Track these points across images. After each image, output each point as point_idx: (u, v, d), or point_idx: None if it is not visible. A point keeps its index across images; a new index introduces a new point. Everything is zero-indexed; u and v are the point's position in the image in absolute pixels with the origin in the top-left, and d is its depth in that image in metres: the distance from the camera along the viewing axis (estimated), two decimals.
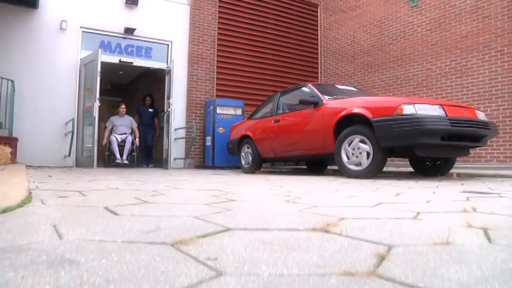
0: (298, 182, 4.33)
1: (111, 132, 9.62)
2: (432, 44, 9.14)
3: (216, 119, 9.31)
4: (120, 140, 9.35)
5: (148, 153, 10.45)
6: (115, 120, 9.75)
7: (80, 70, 8.72)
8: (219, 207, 1.91)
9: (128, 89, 14.00)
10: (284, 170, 9.57)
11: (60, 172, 6.10)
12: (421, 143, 4.85)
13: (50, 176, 4.52)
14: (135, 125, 9.77)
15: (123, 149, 9.25)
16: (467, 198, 2.60)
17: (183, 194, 2.65)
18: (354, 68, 11.09)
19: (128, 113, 9.96)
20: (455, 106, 5.15)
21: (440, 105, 4.92)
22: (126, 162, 9.11)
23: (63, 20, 8.61)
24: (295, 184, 3.99)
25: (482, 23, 8.26)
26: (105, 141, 9.51)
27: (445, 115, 4.81)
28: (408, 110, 4.76)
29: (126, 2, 9.29)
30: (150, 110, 10.52)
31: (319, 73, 12.06)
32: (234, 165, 8.96)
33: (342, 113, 5.47)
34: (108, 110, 17.82)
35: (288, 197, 2.52)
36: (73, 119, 8.21)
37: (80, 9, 8.87)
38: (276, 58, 11.13)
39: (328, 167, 8.59)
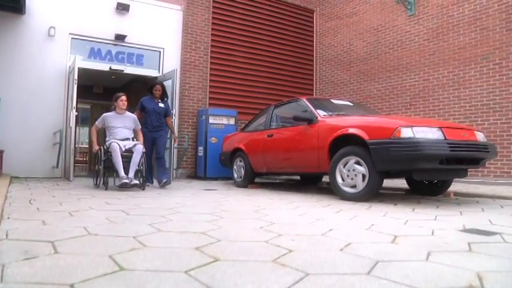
0: (290, 208, 4.14)
1: (100, 136, 7.15)
2: (430, 54, 8.98)
3: (208, 128, 9.10)
4: (124, 149, 6.26)
5: (161, 166, 7.26)
6: (111, 118, 6.58)
7: (68, 78, 8.47)
8: (199, 280, 1.71)
9: (122, 91, 13.73)
10: (278, 180, 9.39)
11: (45, 189, 5.88)
12: (419, 168, 4.69)
13: (30, 203, 4.30)
14: (139, 127, 6.90)
15: (128, 163, 6.20)
16: (469, 248, 2.42)
17: (165, 246, 2.44)
18: (350, 76, 10.91)
19: None
20: (454, 128, 4.98)
21: (439, 127, 4.74)
22: (137, 181, 6.15)
23: (51, 27, 8.37)
24: (287, 213, 3.79)
25: (480, 34, 8.10)
26: (95, 148, 6.51)
27: (443, 138, 4.64)
28: (406, 133, 4.58)
29: (117, 8, 9.06)
30: (161, 105, 7.31)
31: (314, 80, 11.88)
32: (226, 176, 8.76)
33: (337, 133, 5.29)
34: (100, 115, 17.60)
35: (279, 248, 2.33)
36: (60, 131, 7.97)
37: (69, 16, 8.64)
38: (270, 65, 10.95)
39: (323, 179, 8.41)
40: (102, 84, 13.51)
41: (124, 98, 6.77)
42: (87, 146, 22.89)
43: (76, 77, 7.80)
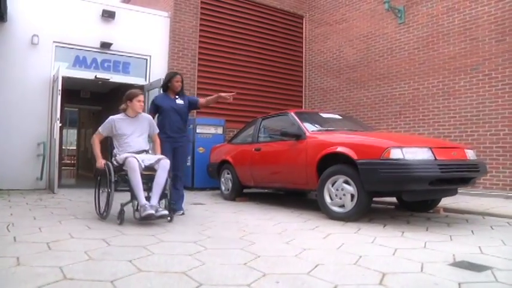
0: (277, 233, 4.02)
1: (108, 147, 5.16)
2: (420, 63, 8.92)
3: (195, 138, 8.96)
4: (144, 166, 4.58)
5: (178, 189, 5.42)
6: (122, 124, 4.89)
7: (53, 87, 8.28)
8: None
9: (109, 97, 13.54)
10: (267, 191, 9.26)
11: (27, 206, 5.69)
12: (409, 189, 4.62)
13: (8, 229, 4.14)
14: (156, 131, 5.19)
15: (149, 185, 4.61)
16: None
17: None
18: (339, 83, 10.82)
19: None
20: (444, 148, 4.90)
21: (429, 148, 4.66)
22: (165, 211, 4.43)
23: (34, 35, 8.18)
24: (273, 240, 3.68)
25: (470, 45, 8.06)
26: (100, 164, 4.76)
27: (434, 159, 4.56)
28: (396, 154, 4.49)
29: (103, 15, 8.88)
30: (180, 101, 5.53)
31: (303, 87, 11.79)
32: (214, 186, 8.61)
33: (326, 151, 5.19)
34: (88, 119, 17.38)
35: None
36: (44, 143, 7.79)
37: (53, 23, 8.45)
38: (259, 72, 10.83)
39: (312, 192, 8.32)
40: (89, 90, 13.29)
41: (142, 98, 4.97)
42: (75, 148, 22.69)
43: (60, 87, 7.61)
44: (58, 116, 7.67)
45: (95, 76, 8.85)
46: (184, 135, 5.58)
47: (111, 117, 5.00)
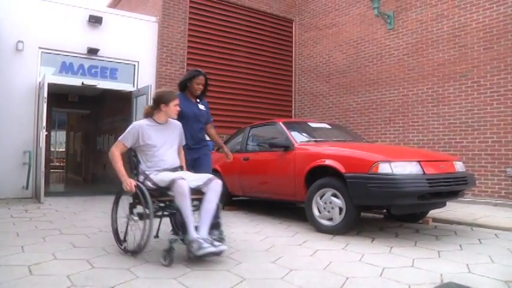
0: (264, 250, 3.97)
1: (130, 161, 4.05)
2: (409, 69, 8.91)
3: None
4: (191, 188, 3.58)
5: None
6: (152, 131, 3.89)
7: (38, 95, 8.14)
8: None
9: (98, 100, 13.41)
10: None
11: (11, 220, 5.55)
12: (398, 204, 4.59)
13: None
14: (183, 143, 4.18)
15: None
16: None
17: None
18: (329, 88, 10.80)
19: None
20: (432, 161, 4.88)
21: (418, 161, 4.63)
22: (224, 247, 3.56)
23: (19, 41, 8.03)
24: (261, 260, 3.62)
25: (459, 52, 8.06)
26: (130, 186, 3.66)
27: (422, 173, 4.54)
28: (384, 168, 4.46)
29: (89, 21, 8.76)
30: (202, 107, 4.63)
31: (293, 92, 11.75)
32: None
33: (314, 163, 5.15)
34: (78, 122, 17.21)
35: None
36: (30, 152, 7.66)
37: (38, 29, 8.30)
38: (249, 77, 10.77)
39: None
40: (77, 93, 13.14)
41: (178, 101, 3.96)
42: (63, 150, 22.43)
43: (45, 94, 7.49)
44: (44, 124, 7.54)
45: (82, 83, 8.72)
46: (205, 145, 4.64)
47: (135, 123, 3.95)
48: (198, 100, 4.63)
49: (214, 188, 3.63)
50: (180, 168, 3.97)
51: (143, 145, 3.83)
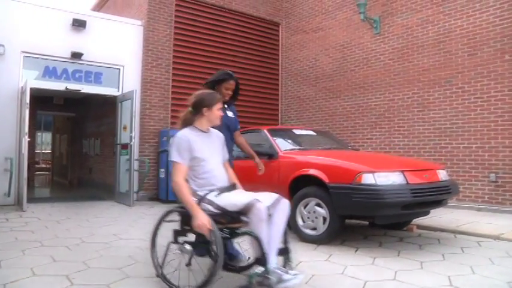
0: None
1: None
2: (395, 74, 8.94)
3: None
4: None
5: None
6: (198, 142, 3.22)
7: (21, 100, 8.02)
8: None
9: (84, 103, 13.26)
10: None
11: None
12: (381, 214, 4.60)
13: None
14: (227, 156, 3.57)
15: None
16: None
17: None
18: (316, 92, 10.79)
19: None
20: (416, 170, 4.88)
21: (401, 171, 4.64)
22: (301, 275, 2.99)
23: (0, 45, 7.87)
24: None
25: (444, 57, 8.11)
26: (203, 224, 2.89)
27: (406, 183, 4.55)
28: (368, 179, 4.46)
29: (73, 24, 8.63)
30: (231, 114, 4.16)
31: (279, 96, 11.72)
32: None
33: (298, 173, 5.13)
34: (63, 124, 17.01)
35: None
36: (11, 159, 7.54)
37: (20, 32, 8.16)
38: None
39: None
40: (62, 96, 12.99)
41: (221, 104, 3.42)
42: (50, 152, 22.15)
43: (28, 100, 7.37)
44: (26, 130, 7.41)
45: (66, 87, 8.60)
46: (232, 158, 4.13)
47: (181, 134, 3.22)
48: (226, 106, 3.99)
49: (283, 208, 3.12)
50: (233, 186, 3.40)
51: (192, 159, 3.17)
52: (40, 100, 11.53)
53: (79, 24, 8.67)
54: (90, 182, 12.72)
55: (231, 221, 3.07)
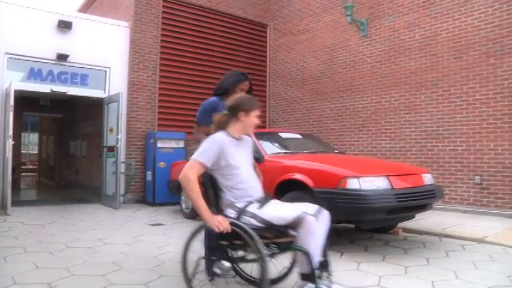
0: None
1: (206, 187, 3.10)
2: (382, 76, 8.98)
3: (156, 153, 8.77)
4: None
5: None
6: (232, 150, 3.05)
7: (5, 102, 7.92)
8: None
9: (70, 105, 13.15)
10: None
11: None
12: (366, 219, 4.62)
13: None
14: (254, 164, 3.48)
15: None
16: None
17: None
18: (303, 94, 10.81)
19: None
20: (401, 175, 4.91)
21: (386, 176, 4.66)
22: None
23: None
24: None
25: (430, 60, 8.16)
26: (220, 224, 2.78)
27: (390, 188, 4.57)
28: (352, 184, 4.47)
29: (59, 26, 8.55)
30: None
31: (267, 97, 11.72)
32: (176, 201, 8.41)
33: (283, 177, 5.13)
34: (50, 125, 16.85)
35: None
36: None
37: (4, 33, 8.06)
38: None
39: None
40: (49, 97, 12.86)
41: (259, 112, 3.22)
42: (37, 153, 21.91)
43: (12, 103, 7.29)
44: (11, 133, 7.33)
45: (51, 89, 8.51)
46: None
47: (216, 137, 3.04)
48: None
49: (324, 221, 2.97)
50: (268, 197, 3.29)
51: (224, 166, 2.98)
52: (26, 101, 11.40)
53: (65, 26, 8.60)
54: (77, 184, 12.62)
55: (278, 236, 2.90)
